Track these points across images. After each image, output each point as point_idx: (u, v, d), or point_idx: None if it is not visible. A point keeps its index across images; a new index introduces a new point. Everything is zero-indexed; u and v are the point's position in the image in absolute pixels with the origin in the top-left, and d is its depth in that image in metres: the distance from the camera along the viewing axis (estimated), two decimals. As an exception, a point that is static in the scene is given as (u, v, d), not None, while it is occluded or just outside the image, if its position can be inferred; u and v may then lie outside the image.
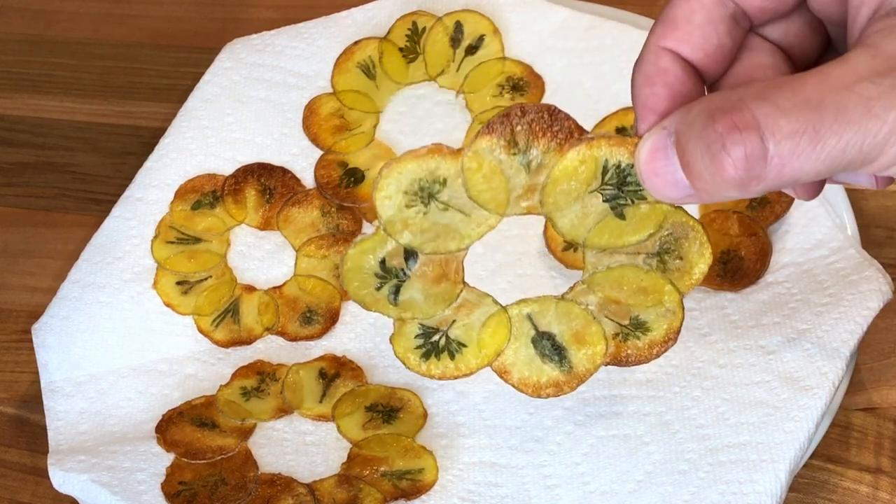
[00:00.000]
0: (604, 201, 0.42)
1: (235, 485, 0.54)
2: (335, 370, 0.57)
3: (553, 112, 0.41)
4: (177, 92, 0.69)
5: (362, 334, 0.59)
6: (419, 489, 0.53)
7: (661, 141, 0.38)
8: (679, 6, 0.41)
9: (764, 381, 0.53)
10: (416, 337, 0.47)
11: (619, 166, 0.41)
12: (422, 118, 0.64)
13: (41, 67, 0.73)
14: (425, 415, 0.56)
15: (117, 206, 0.63)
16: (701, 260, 0.44)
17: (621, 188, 0.42)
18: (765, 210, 0.57)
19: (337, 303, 0.60)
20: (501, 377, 0.47)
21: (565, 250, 0.59)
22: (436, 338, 0.47)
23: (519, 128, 0.41)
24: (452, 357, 0.47)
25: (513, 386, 0.47)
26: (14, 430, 0.60)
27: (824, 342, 0.53)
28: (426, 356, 0.48)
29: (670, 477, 0.51)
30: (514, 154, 0.42)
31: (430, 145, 0.43)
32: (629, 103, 0.61)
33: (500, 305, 0.47)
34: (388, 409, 0.56)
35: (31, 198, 0.68)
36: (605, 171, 0.42)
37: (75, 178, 0.68)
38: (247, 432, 0.56)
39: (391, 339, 0.47)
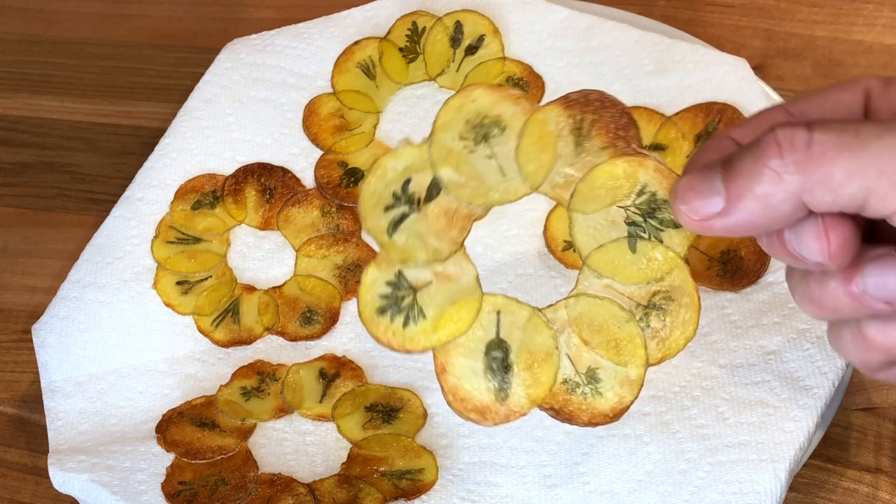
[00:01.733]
0: (625, 222, 0.42)
1: (235, 485, 0.54)
2: (335, 370, 0.57)
3: (630, 117, 0.41)
4: (177, 92, 0.69)
5: (362, 334, 0.59)
6: (419, 489, 0.53)
7: (706, 169, 0.39)
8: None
9: (764, 380, 0.53)
10: (387, 284, 0.43)
11: (654, 195, 0.41)
12: (422, 118, 0.64)
13: (41, 67, 0.73)
14: (425, 415, 0.56)
15: (117, 206, 0.63)
16: (683, 331, 0.43)
17: (647, 217, 0.41)
18: (765, 210, 0.57)
19: (337, 303, 0.60)
20: (438, 375, 0.43)
21: (565, 250, 0.59)
22: (403, 294, 0.43)
23: (592, 116, 0.41)
24: (405, 324, 0.43)
25: (442, 390, 0.43)
26: (14, 429, 0.60)
27: (824, 342, 0.53)
28: (383, 311, 0.43)
29: (670, 477, 0.51)
30: (575, 136, 0.41)
31: (515, 91, 0.41)
32: (629, 103, 0.61)
33: (479, 287, 0.44)
34: (388, 409, 0.56)
35: (32, 198, 0.68)
36: (640, 193, 0.41)
37: (75, 178, 0.68)
38: (247, 432, 0.56)
39: (362, 276, 0.43)
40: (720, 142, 0.41)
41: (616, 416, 0.43)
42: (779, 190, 0.37)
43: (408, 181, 0.42)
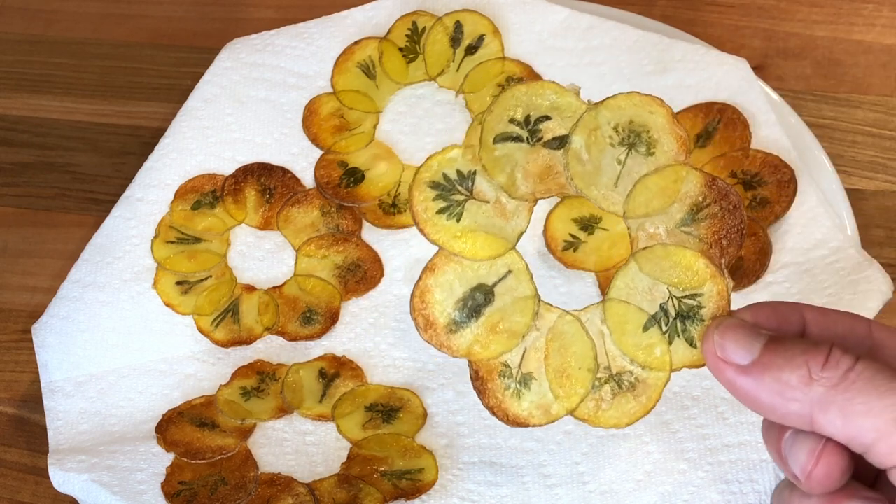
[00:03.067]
0: (661, 304, 0.43)
1: (235, 485, 0.54)
2: (335, 370, 0.57)
3: (742, 238, 0.42)
4: (177, 92, 0.69)
5: (362, 334, 0.59)
6: (419, 489, 0.53)
7: (758, 329, 0.40)
8: None
9: (764, 380, 0.53)
10: (457, 172, 0.43)
11: (700, 305, 0.42)
12: (422, 118, 0.64)
13: (41, 67, 0.73)
14: (425, 414, 0.56)
15: (117, 205, 0.63)
16: (618, 418, 0.43)
17: (679, 316, 0.42)
18: (765, 210, 0.57)
19: (337, 303, 0.60)
20: (424, 270, 0.44)
21: (565, 250, 0.59)
22: (460, 192, 0.44)
23: (718, 209, 0.42)
24: (441, 216, 0.43)
25: (418, 281, 0.43)
26: (14, 429, 0.60)
27: None
28: (434, 190, 0.44)
29: (670, 476, 0.51)
30: (692, 210, 0.42)
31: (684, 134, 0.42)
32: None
33: (514, 244, 0.44)
34: (388, 409, 0.56)
35: (32, 198, 0.68)
36: (693, 296, 0.42)
37: (75, 178, 0.68)
38: (247, 432, 0.56)
39: (444, 148, 0.43)
40: (792, 310, 0.42)
41: (512, 422, 0.44)
42: (801, 390, 0.38)
43: (546, 117, 0.43)
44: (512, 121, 0.43)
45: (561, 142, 0.43)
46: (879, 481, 0.41)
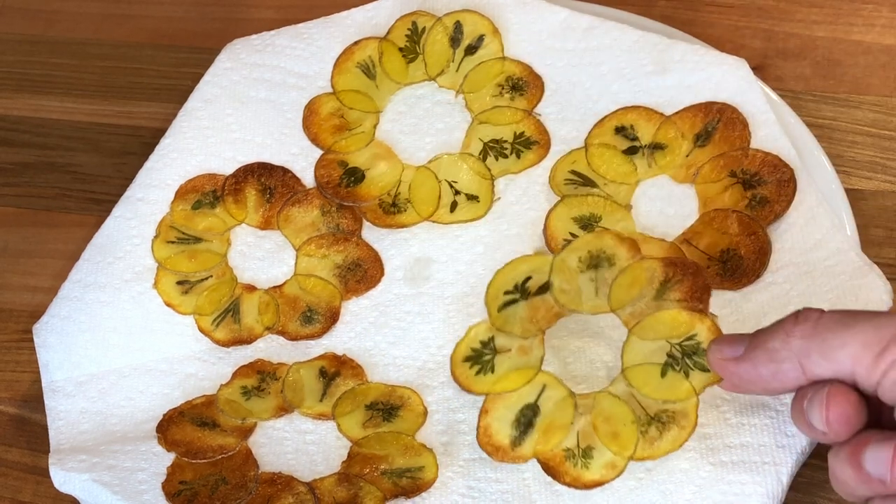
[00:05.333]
0: (667, 353, 0.51)
1: (236, 484, 0.54)
2: (335, 369, 0.58)
3: (708, 289, 0.51)
4: (177, 92, 0.69)
5: (363, 333, 0.59)
6: (419, 487, 0.53)
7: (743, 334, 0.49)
8: None
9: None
10: (480, 342, 0.53)
11: (699, 343, 0.50)
12: (421, 118, 0.64)
13: (42, 68, 0.73)
14: (425, 412, 0.56)
15: (118, 206, 0.63)
16: (671, 445, 0.50)
17: (686, 356, 0.51)
18: (764, 209, 0.57)
19: (337, 302, 0.60)
20: (480, 413, 0.52)
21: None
22: (486, 354, 0.53)
23: (681, 277, 0.52)
24: (477, 373, 0.53)
25: (478, 424, 0.52)
26: (15, 429, 0.60)
27: None
28: (466, 359, 0.53)
29: (672, 475, 0.51)
30: (661, 286, 0.52)
31: (633, 240, 0.53)
32: (628, 103, 0.62)
33: (540, 365, 0.53)
34: (388, 408, 0.56)
35: (32, 198, 0.68)
36: (690, 338, 0.51)
37: (76, 178, 0.69)
38: (247, 431, 0.56)
39: (468, 329, 0.54)
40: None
41: (592, 486, 0.51)
42: (785, 349, 0.45)
43: (529, 278, 0.53)
44: (506, 293, 0.53)
45: (545, 287, 0.53)
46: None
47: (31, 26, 0.75)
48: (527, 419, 0.52)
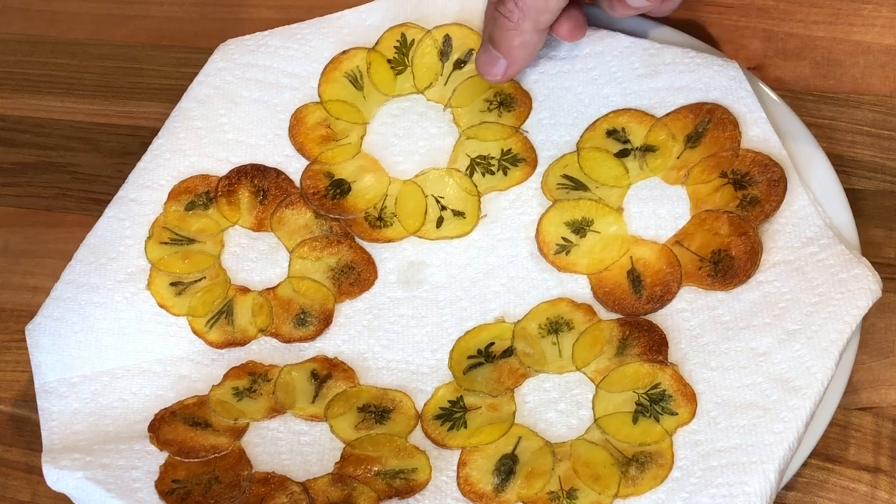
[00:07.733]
0: (635, 402, 0.54)
1: (229, 483, 0.54)
2: (327, 371, 0.58)
3: (665, 341, 0.55)
4: (177, 92, 0.69)
5: (356, 336, 0.59)
6: (413, 488, 0.53)
7: (484, 45, 0.60)
8: None
9: (755, 382, 0.53)
10: (448, 401, 0.56)
11: (664, 391, 0.54)
12: (409, 131, 0.63)
13: (42, 68, 0.73)
14: (418, 416, 0.56)
15: (110, 206, 0.62)
16: (651, 482, 0.52)
17: (653, 403, 0.54)
18: (755, 209, 0.57)
19: (330, 304, 0.60)
20: (458, 465, 0.54)
21: (557, 253, 0.59)
22: (456, 412, 0.56)
23: (638, 334, 0.56)
24: (449, 429, 0.55)
25: (457, 474, 0.54)
26: (14, 429, 0.60)
27: (814, 342, 0.53)
28: (437, 417, 0.56)
29: (664, 484, 0.52)
30: (620, 343, 0.56)
31: (588, 307, 0.58)
32: (620, 106, 0.62)
33: (513, 419, 0.55)
34: (381, 410, 0.56)
35: (32, 198, 0.69)
36: (654, 387, 0.54)
37: (76, 178, 0.69)
38: (240, 431, 0.56)
39: (435, 389, 0.57)
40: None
41: None
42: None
43: (492, 343, 0.57)
44: (470, 357, 0.57)
45: (508, 351, 0.57)
46: None
47: (32, 26, 0.75)
48: (507, 468, 0.53)
